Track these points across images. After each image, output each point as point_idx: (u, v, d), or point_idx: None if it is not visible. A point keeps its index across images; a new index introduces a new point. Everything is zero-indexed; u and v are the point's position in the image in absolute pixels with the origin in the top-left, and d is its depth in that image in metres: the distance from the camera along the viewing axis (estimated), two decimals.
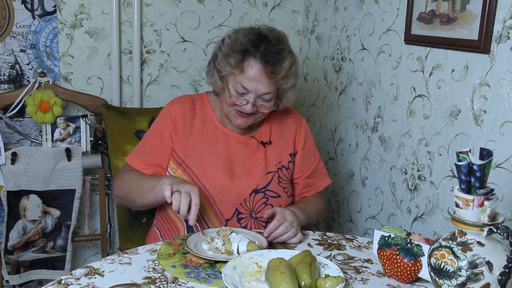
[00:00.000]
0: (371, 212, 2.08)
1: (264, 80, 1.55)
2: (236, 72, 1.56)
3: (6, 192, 2.08)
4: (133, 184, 1.61)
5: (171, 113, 1.68)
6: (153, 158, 1.67)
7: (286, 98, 1.66)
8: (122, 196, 1.66)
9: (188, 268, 1.27)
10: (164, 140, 1.67)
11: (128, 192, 1.63)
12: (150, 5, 2.33)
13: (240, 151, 1.67)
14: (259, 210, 1.65)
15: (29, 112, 2.12)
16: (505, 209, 1.44)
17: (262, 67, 1.54)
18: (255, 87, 1.55)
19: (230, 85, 1.58)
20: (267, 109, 1.61)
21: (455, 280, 1.05)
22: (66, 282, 1.18)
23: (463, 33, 1.53)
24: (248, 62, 1.54)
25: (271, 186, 1.66)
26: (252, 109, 1.57)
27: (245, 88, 1.55)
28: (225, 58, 1.58)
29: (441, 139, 1.66)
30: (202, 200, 1.53)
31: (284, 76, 1.57)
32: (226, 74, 1.58)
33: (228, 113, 1.63)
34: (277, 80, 1.56)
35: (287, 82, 1.61)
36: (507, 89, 1.41)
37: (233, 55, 1.55)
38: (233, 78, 1.57)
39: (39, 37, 2.21)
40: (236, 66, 1.55)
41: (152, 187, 1.54)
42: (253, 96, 1.56)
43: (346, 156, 2.27)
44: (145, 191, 1.56)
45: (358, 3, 2.11)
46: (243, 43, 1.56)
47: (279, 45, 1.57)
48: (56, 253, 2.21)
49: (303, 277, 1.14)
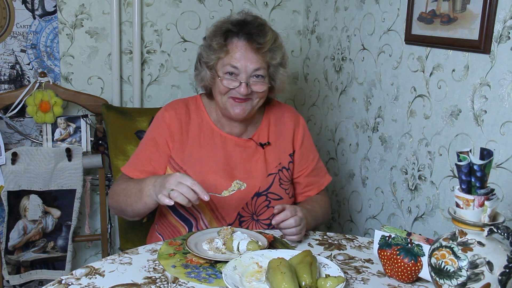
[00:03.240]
0: (372, 212, 2.08)
1: (251, 55, 1.54)
2: (222, 55, 1.56)
3: (6, 192, 2.08)
4: (121, 194, 1.58)
5: (165, 120, 1.64)
6: (149, 165, 1.63)
7: (278, 78, 1.63)
8: (115, 206, 1.63)
9: (188, 268, 1.27)
10: (160, 147, 1.64)
11: (117, 202, 1.59)
12: (150, 5, 2.33)
13: (239, 155, 1.65)
14: (261, 212, 1.64)
15: (29, 112, 2.12)
16: (505, 209, 1.44)
17: (246, 43, 1.54)
18: (244, 64, 1.54)
19: (219, 71, 1.57)
20: (261, 87, 1.58)
21: (455, 280, 1.05)
22: (67, 282, 1.18)
23: (464, 33, 1.53)
24: (231, 42, 1.55)
25: (273, 189, 1.64)
26: (247, 89, 1.55)
27: (235, 66, 1.54)
28: (208, 48, 1.58)
29: (442, 139, 1.66)
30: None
31: (270, 49, 1.57)
32: (213, 62, 1.58)
33: (224, 105, 1.59)
34: (264, 53, 1.55)
35: (275, 57, 1.59)
36: (507, 89, 1.41)
37: (216, 39, 1.56)
38: (221, 63, 1.57)
39: (40, 37, 2.21)
40: (221, 49, 1.55)
41: (138, 198, 1.50)
42: (244, 76, 1.54)
43: (346, 156, 2.27)
44: (132, 201, 1.53)
45: (358, 3, 2.11)
46: (222, 27, 1.57)
47: (258, 21, 1.59)
48: (56, 253, 2.21)
49: (304, 277, 1.14)
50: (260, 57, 1.55)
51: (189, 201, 1.37)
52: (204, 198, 1.37)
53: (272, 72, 1.61)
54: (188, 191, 1.37)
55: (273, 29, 1.63)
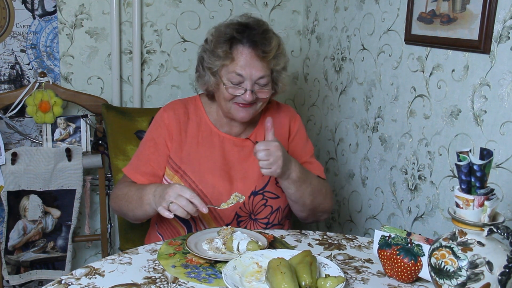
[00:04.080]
0: (372, 212, 2.08)
1: (256, 63, 1.54)
2: (227, 62, 1.55)
3: (6, 192, 2.08)
4: (122, 199, 1.61)
5: (164, 120, 1.66)
6: (149, 167, 1.65)
7: (281, 81, 1.64)
8: (117, 209, 1.67)
9: (188, 268, 1.27)
10: (159, 147, 1.65)
11: (119, 206, 1.63)
12: (150, 5, 2.33)
13: (236, 154, 1.66)
14: (259, 212, 1.65)
15: (29, 112, 2.12)
16: (505, 209, 1.44)
17: (252, 51, 1.53)
18: (249, 72, 1.53)
19: (224, 78, 1.57)
20: (266, 94, 1.58)
21: (455, 280, 1.05)
22: (67, 282, 1.18)
23: (463, 33, 1.53)
24: (237, 50, 1.54)
25: (269, 187, 1.65)
26: (252, 96, 1.55)
27: (240, 75, 1.54)
28: (212, 53, 1.57)
29: (442, 139, 1.66)
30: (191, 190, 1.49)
31: (275, 56, 1.57)
32: (217, 69, 1.57)
33: (228, 110, 1.60)
34: (269, 60, 1.55)
35: (279, 63, 1.59)
36: (507, 89, 1.41)
37: (220, 46, 1.55)
38: (226, 70, 1.56)
39: (39, 37, 2.21)
40: (226, 57, 1.55)
41: (138, 205, 1.53)
42: (249, 83, 1.54)
43: (346, 156, 2.27)
44: (133, 207, 1.56)
45: (358, 3, 2.11)
46: (227, 33, 1.56)
47: (262, 27, 1.58)
48: (56, 253, 2.21)
49: (304, 277, 1.14)
50: (265, 64, 1.55)
51: (187, 213, 1.39)
52: (203, 210, 1.40)
53: (275, 77, 1.62)
54: (187, 204, 1.39)
55: (275, 33, 1.63)
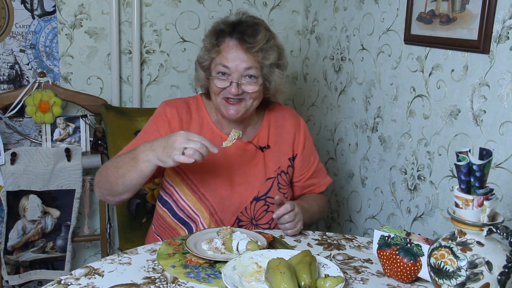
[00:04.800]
0: (371, 212, 2.08)
1: (242, 55, 1.53)
2: (214, 55, 1.56)
3: (5, 192, 2.08)
4: (110, 167, 1.49)
5: (167, 114, 1.62)
6: None
7: (273, 79, 1.61)
8: (103, 183, 1.52)
9: (188, 268, 1.27)
10: (155, 136, 1.52)
11: (106, 177, 1.50)
12: (149, 5, 2.33)
13: (238, 158, 1.63)
14: (260, 217, 1.64)
15: (28, 112, 2.12)
16: (504, 209, 1.44)
17: (238, 43, 1.54)
18: (235, 64, 1.53)
19: (212, 72, 1.58)
20: (253, 87, 1.55)
21: (454, 280, 1.05)
22: (66, 282, 1.18)
23: (463, 33, 1.53)
24: (224, 43, 1.55)
25: (272, 193, 1.64)
26: (238, 89, 1.53)
27: (226, 66, 1.53)
28: (204, 49, 1.60)
29: (441, 139, 1.66)
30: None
31: (261, 49, 1.55)
32: (207, 63, 1.59)
33: (218, 105, 1.59)
34: (255, 52, 1.54)
35: (267, 57, 1.56)
36: (506, 89, 1.41)
37: (208, 39, 1.58)
38: (214, 63, 1.57)
39: (39, 37, 2.21)
40: (213, 49, 1.56)
41: (131, 166, 1.42)
42: (236, 76, 1.53)
43: (346, 156, 2.27)
44: (125, 171, 1.44)
45: (357, 3, 2.11)
46: (217, 27, 1.59)
47: (253, 21, 1.59)
48: (55, 253, 2.21)
49: (303, 277, 1.14)
50: (251, 56, 1.54)
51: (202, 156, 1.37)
52: (213, 151, 1.37)
53: (266, 73, 1.59)
54: (202, 146, 1.36)
55: (270, 29, 1.62)
